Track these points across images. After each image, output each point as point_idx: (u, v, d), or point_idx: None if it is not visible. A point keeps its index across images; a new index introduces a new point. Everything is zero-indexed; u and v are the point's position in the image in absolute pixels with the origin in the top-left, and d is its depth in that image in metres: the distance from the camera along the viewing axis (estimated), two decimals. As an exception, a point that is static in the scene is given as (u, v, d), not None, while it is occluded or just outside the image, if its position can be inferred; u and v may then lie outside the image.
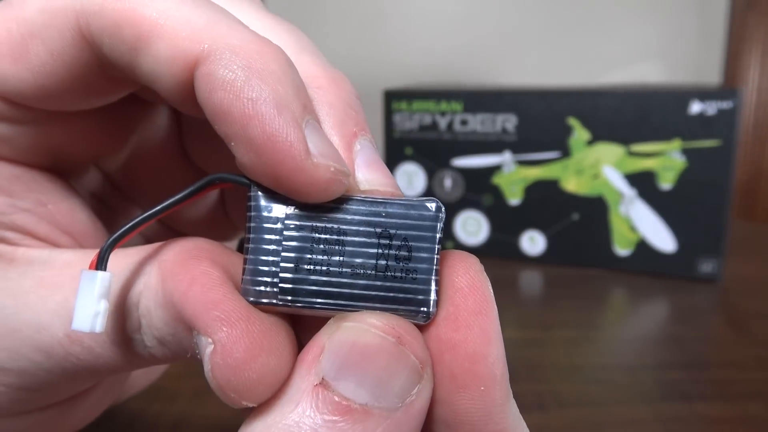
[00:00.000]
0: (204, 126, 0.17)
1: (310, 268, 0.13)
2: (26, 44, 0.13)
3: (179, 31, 0.13)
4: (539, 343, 0.46)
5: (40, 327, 0.14)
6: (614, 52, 1.17)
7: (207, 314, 0.13)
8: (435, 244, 0.14)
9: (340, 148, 0.14)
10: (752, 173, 1.19)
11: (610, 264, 0.61)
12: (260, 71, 0.12)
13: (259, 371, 0.13)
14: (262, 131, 0.12)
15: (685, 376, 0.40)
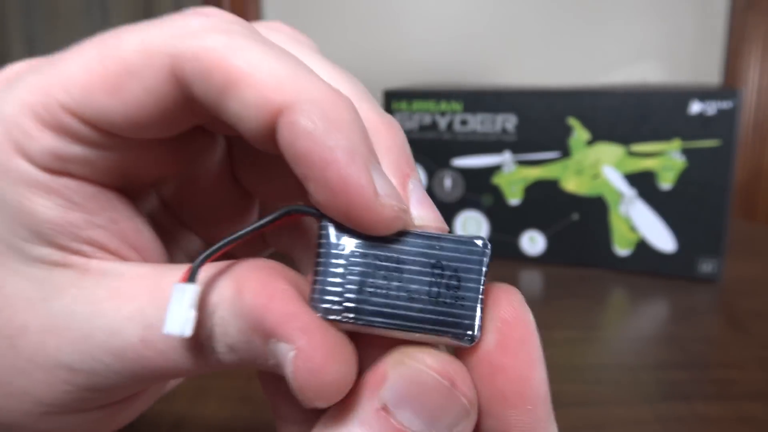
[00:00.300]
0: (255, 156, 0.20)
1: (371, 291, 0.15)
2: (122, 80, 0.15)
3: (266, 82, 0.14)
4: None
5: (115, 332, 0.16)
6: (614, 52, 1.17)
7: (289, 325, 0.14)
8: (481, 276, 0.17)
9: (396, 187, 0.16)
10: (752, 173, 1.19)
11: (610, 264, 0.61)
12: (336, 121, 0.14)
13: (333, 376, 0.14)
14: (338, 175, 0.14)
15: (685, 376, 0.40)
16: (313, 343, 0.14)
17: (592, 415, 0.36)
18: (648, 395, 0.38)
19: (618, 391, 0.39)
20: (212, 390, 0.39)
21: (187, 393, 0.39)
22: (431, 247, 0.16)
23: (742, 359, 0.43)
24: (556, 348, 0.45)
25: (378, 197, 0.14)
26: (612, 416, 0.36)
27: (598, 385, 0.39)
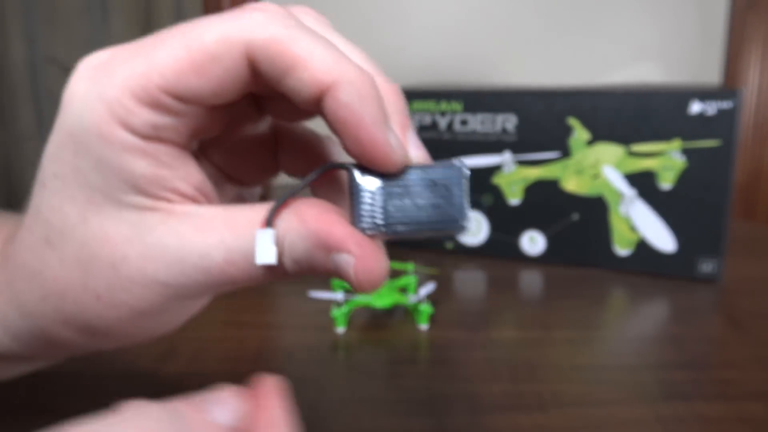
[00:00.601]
0: (295, 141, 0.28)
1: (393, 210, 0.22)
2: (207, 64, 0.20)
3: (317, 66, 0.20)
4: (539, 343, 0.46)
5: (203, 255, 0.22)
6: (614, 52, 1.17)
7: (348, 241, 0.21)
8: (462, 180, 0.22)
9: (400, 137, 0.22)
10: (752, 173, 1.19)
11: (610, 264, 0.61)
12: (365, 97, 0.20)
13: (381, 272, 0.21)
14: (367, 136, 0.20)
15: (685, 376, 0.40)
16: (366, 253, 0.21)
17: (592, 415, 0.36)
18: (648, 395, 0.38)
19: (618, 391, 0.39)
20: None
21: (187, 393, 0.39)
22: (426, 173, 0.22)
23: (742, 359, 0.43)
24: (556, 348, 0.45)
25: (391, 146, 0.21)
26: (612, 416, 0.36)
27: (598, 385, 0.39)
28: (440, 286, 0.56)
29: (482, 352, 0.44)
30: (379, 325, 0.49)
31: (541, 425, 0.35)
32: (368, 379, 0.40)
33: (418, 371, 0.41)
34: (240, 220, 0.22)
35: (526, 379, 0.40)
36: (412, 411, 0.37)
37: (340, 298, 0.47)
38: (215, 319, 0.50)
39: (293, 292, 0.56)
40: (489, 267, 0.63)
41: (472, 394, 0.38)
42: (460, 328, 0.48)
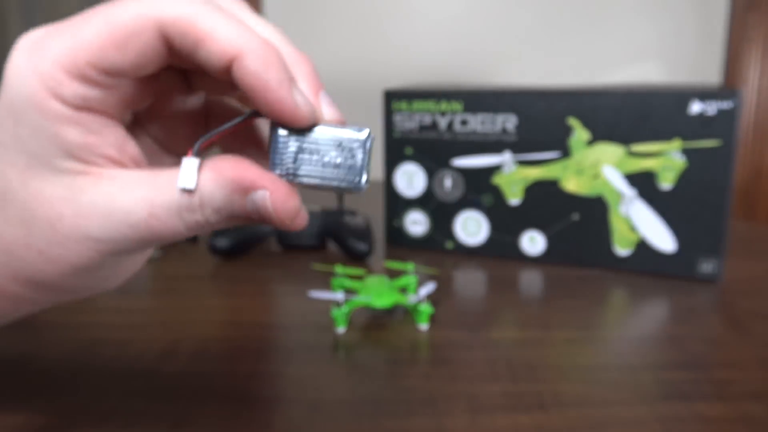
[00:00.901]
0: (224, 114, 0.30)
1: (302, 161, 0.25)
2: (125, 39, 0.23)
3: (223, 39, 0.23)
4: (539, 343, 0.46)
5: (129, 211, 0.24)
6: (614, 52, 1.17)
7: (262, 179, 0.24)
8: (366, 145, 0.25)
9: (312, 96, 0.25)
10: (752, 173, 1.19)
11: (610, 264, 0.61)
12: (269, 62, 0.23)
13: (295, 204, 0.25)
14: (272, 96, 0.23)
15: (685, 376, 0.41)
16: (280, 187, 0.24)
17: (592, 415, 0.36)
18: (648, 395, 0.38)
19: (618, 391, 0.39)
20: (212, 390, 0.39)
21: (187, 393, 0.39)
22: (335, 134, 0.25)
23: (742, 359, 0.43)
24: (556, 348, 0.45)
25: (297, 105, 0.24)
26: (612, 416, 0.36)
27: (598, 385, 0.40)
28: (440, 286, 0.56)
29: (482, 352, 0.44)
30: (379, 325, 0.49)
31: (541, 425, 0.35)
32: (368, 379, 0.40)
33: (418, 371, 0.41)
34: (162, 179, 0.25)
35: (526, 379, 0.40)
36: (412, 411, 0.37)
37: (340, 298, 0.47)
38: (215, 319, 0.50)
39: (293, 292, 0.56)
40: (489, 267, 0.63)
41: (472, 394, 0.38)
42: (460, 328, 0.48)
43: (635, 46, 1.16)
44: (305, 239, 0.68)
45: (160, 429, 0.35)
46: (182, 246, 0.71)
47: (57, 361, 0.43)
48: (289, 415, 0.36)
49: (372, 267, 0.63)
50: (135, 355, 0.44)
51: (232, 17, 0.23)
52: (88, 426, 0.35)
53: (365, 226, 0.66)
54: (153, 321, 0.50)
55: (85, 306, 0.54)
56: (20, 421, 0.36)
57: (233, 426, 0.35)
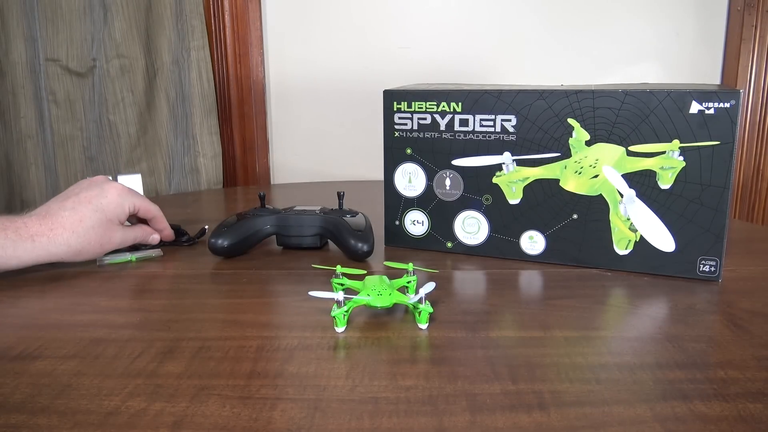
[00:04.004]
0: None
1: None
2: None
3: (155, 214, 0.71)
4: (539, 343, 0.46)
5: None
6: (614, 52, 1.16)
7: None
8: None
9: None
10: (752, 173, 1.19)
11: (610, 264, 0.61)
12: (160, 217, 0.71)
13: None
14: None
15: (685, 376, 0.41)
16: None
17: (591, 415, 0.36)
18: (647, 395, 0.38)
19: (617, 391, 0.39)
20: (212, 390, 0.39)
21: (187, 393, 0.39)
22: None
23: (741, 359, 0.43)
24: (556, 348, 0.45)
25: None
26: (611, 416, 0.36)
27: (597, 385, 0.40)
28: (440, 286, 0.56)
29: (482, 352, 0.44)
30: (379, 325, 0.49)
31: (541, 425, 0.35)
32: (368, 379, 0.40)
33: (418, 371, 0.41)
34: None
35: (526, 379, 0.40)
36: (412, 411, 0.37)
37: (340, 298, 0.47)
38: (215, 319, 0.50)
39: (293, 292, 0.56)
40: (489, 267, 0.63)
41: (472, 394, 0.38)
42: (460, 328, 0.48)
43: (635, 46, 1.16)
44: (305, 239, 0.68)
45: (160, 429, 0.35)
46: (182, 246, 0.71)
47: (57, 361, 0.43)
48: (289, 415, 0.36)
49: (372, 267, 0.63)
50: (135, 355, 0.44)
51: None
52: (88, 426, 0.35)
53: (365, 226, 0.66)
54: (153, 321, 0.50)
55: (85, 306, 0.54)
56: (21, 421, 0.36)
57: (233, 426, 0.35)
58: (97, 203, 0.62)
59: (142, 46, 1.16)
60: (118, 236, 0.64)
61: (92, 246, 0.61)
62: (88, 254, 0.61)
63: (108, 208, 0.62)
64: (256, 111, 1.23)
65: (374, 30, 1.20)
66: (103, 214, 0.62)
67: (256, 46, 1.21)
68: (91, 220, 0.61)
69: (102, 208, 0.62)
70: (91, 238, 0.61)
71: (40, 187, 1.18)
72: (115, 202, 0.63)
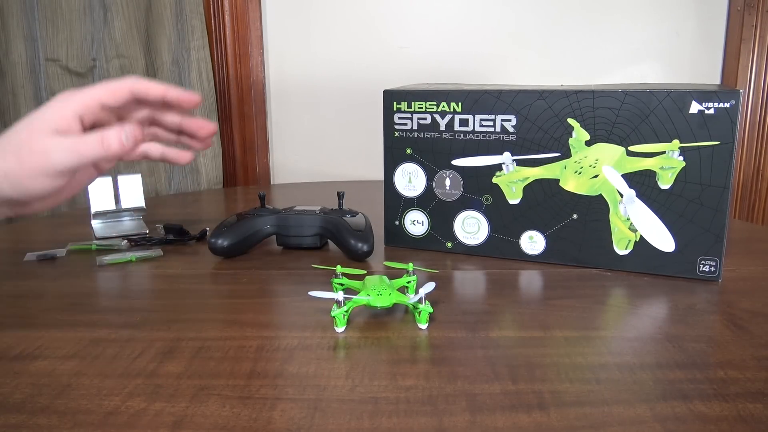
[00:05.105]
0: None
1: None
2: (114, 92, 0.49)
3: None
4: (539, 343, 0.46)
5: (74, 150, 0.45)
6: (614, 52, 1.17)
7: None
8: None
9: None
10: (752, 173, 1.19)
11: (610, 264, 0.61)
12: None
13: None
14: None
15: (685, 376, 0.41)
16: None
17: (591, 415, 0.36)
18: (647, 395, 0.38)
19: (617, 391, 0.39)
20: (212, 390, 0.39)
21: (187, 393, 0.39)
22: None
23: (741, 359, 0.43)
24: (556, 348, 0.45)
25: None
26: (611, 416, 0.36)
27: (597, 385, 0.40)
28: (440, 286, 0.56)
29: (482, 352, 0.44)
30: (379, 325, 0.49)
31: (541, 425, 0.35)
32: (368, 379, 0.40)
33: (418, 371, 0.41)
34: (90, 137, 0.45)
35: (526, 379, 0.40)
36: (412, 411, 0.37)
37: (340, 298, 0.47)
38: (215, 319, 0.50)
39: (293, 292, 0.56)
40: (489, 267, 0.63)
41: (472, 394, 0.38)
42: (460, 328, 0.48)
43: (635, 46, 1.16)
44: (305, 239, 0.68)
45: (160, 429, 0.35)
46: (182, 246, 0.71)
47: (57, 361, 0.43)
48: (289, 415, 0.36)
49: (372, 267, 0.63)
50: (135, 355, 0.44)
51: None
52: (88, 426, 0.35)
53: (365, 226, 0.66)
54: (153, 321, 0.50)
55: (85, 306, 0.54)
56: (21, 421, 0.36)
57: (233, 426, 0.35)
58: (30, 116, 0.46)
59: (142, 46, 1.16)
60: (54, 144, 0.44)
61: (18, 166, 0.44)
62: (20, 179, 0.44)
63: (39, 115, 0.45)
64: (256, 111, 1.23)
65: (374, 30, 1.20)
66: (31, 124, 0.45)
67: (256, 46, 1.21)
68: (17, 134, 0.45)
69: (31, 118, 0.45)
70: (16, 157, 0.44)
71: (40, 187, 1.18)
72: (52, 107, 0.45)
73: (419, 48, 1.20)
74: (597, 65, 1.19)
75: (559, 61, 1.19)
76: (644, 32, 1.17)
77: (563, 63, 1.19)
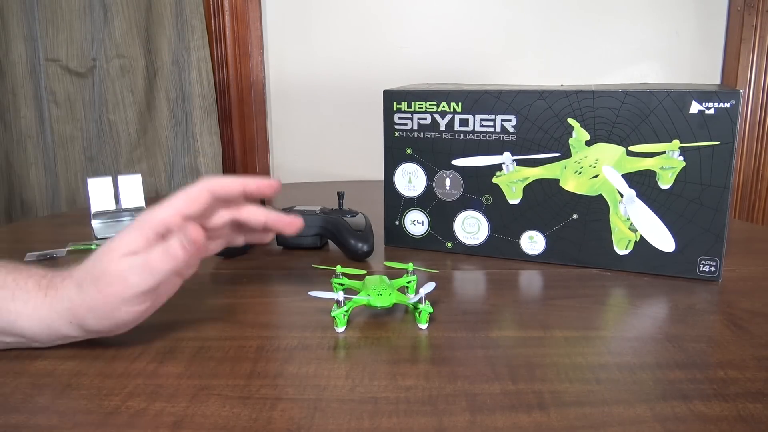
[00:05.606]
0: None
1: None
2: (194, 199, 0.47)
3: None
4: (539, 343, 0.46)
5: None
6: (614, 52, 1.17)
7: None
8: None
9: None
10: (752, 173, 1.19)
11: (610, 264, 0.61)
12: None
13: None
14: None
15: (685, 376, 0.41)
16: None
17: (591, 415, 0.36)
18: (647, 395, 0.38)
19: (617, 391, 0.39)
20: (212, 390, 0.39)
21: (187, 393, 0.39)
22: None
23: (741, 359, 0.43)
24: (556, 348, 0.45)
25: None
26: (611, 416, 0.36)
27: (597, 385, 0.40)
28: (440, 286, 0.56)
29: (482, 352, 0.44)
30: (379, 325, 0.49)
31: (541, 425, 0.35)
32: (368, 379, 0.40)
33: (418, 371, 0.41)
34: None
35: (526, 379, 0.40)
36: (412, 411, 0.37)
37: (340, 298, 0.47)
38: (215, 319, 0.50)
39: (293, 292, 0.56)
40: (489, 267, 0.63)
41: (472, 394, 0.38)
42: (460, 328, 0.48)
43: (635, 46, 1.16)
44: (305, 239, 0.68)
45: (160, 429, 0.35)
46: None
47: (57, 361, 0.43)
48: (289, 415, 0.36)
49: (372, 267, 0.63)
50: (135, 355, 0.44)
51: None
52: (88, 426, 0.35)
53: (365, 226, 0.66)
54: (153, 321, 0.50)
55: (85, 306, 0.53)
56: (20, 421, 0.36)
57: (233, 426, 0.35)
58: (111, 240, 0.43)
59: (142, 46, 1.16)
60: (128, 266, 0.41)
61: (99, 297, 0.41)
62: (104, 311, 0.42)
63: (119, 238, 0.43)
64: (256, 111, 1.23)
65: (374, 30, 1.20)
66: (110, 249, 0.42)
67: (256, 46, 1.21)
68: (97, 262, 0.42)
69: (111, 242, 0.43)
70: (96, 287, 0.41)
71: (40, 187, 1.18)
72: (132, 230, 0.43)
73: (419, 48, 1.20)
74: (597, 65, 1.19)
75: (559, 61, 1.19)
76: (644, 32, 1.17)
77: (563, 63, 1.19)
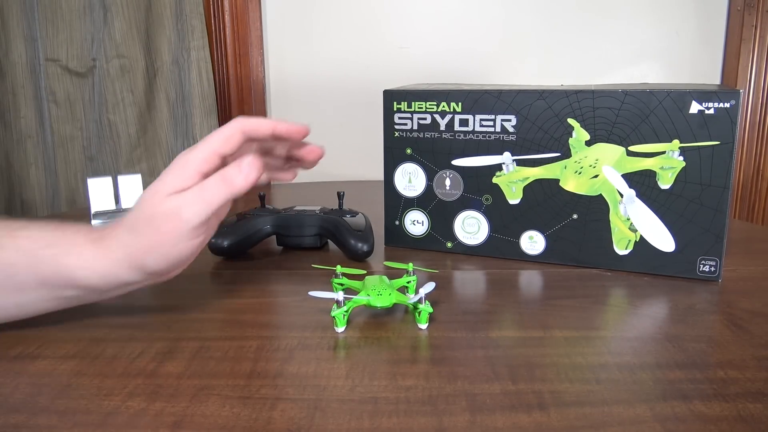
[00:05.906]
0: None
1: None
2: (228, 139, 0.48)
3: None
4: (539, 343, 0.46)
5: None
6: (614, 52, 1.17)
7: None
8: None
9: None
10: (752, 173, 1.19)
11: (610, 264, 0.61)
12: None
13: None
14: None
15: (685, 376, 0.41)
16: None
17: (591, 415, 0.36)
18: (647, 395, 0.38)
19: (617, 391, 0.39)
20: (212, 390, 0.39)
21: (187, 393, 0.39)
22: None
23: (741, 359, 0.43)
24: (556, 348, 0.45)
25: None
26: (611, 416, 0.36)
27: (597, 385, 0.40)
28: (440, 286, 0.56)
29: (482, 352, 0.44)
30: (379, 325, 0.49)
31: (541, 425, 0.35)
32: (368, 379, 0.40)
33: (418, 371, 0.41)
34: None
35: (526, 379, 0.40)
36: (412, 411, 0.37)
37: (340, 298, 0.47)
38: (215, 319, 0.50)
39: (293, 292, 0.56)
40: (489, 267, 0.63)
41: (472, 394, 0.38)
42: (460, 328, 0.48)
43: (635, 46, 1.16)
44: (305, 239, 0.68)
45: (160, 429, 0.35)
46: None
47: (57, 361, 0.43)
48: (289, 415, 0.36)
49: (372, 267, 0.63)
50: (135, 355, 0.44)
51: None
52: (88, 426, 0.35)
53: (365, 226, 0.66)
54: (153, 321, 0.50)
55: (85, 306, 0.53)
56: (21, 421, 0.36)
57: (233, 426, 0.35)
58: (152, 184, 0.45)
59: (142, 46, 1.16)
60: (181, 201, 0.43)
61: (157, 236, 0.43)
62: (164, 249, 0.44)
63: (161, 180, 0.44)
64: (256, 111, 1.23)
65: (374, 30, 1.20)
66: (155, 191, 0.44)
67: (256, 46, 1.21)
68: (144, 204, 0.44)
69: (153, 185, 0.44)
70: (152, 227, 0.43)
71: (40, 187, 1.18)
72: (173, 169, 0.44)
73: (419, 48, 1.20)
74: (597, 65, 1.19)
75: (559, 61, 1.19)
76: (644, 32, 1.17)
77: (563, 63, 1.19)
